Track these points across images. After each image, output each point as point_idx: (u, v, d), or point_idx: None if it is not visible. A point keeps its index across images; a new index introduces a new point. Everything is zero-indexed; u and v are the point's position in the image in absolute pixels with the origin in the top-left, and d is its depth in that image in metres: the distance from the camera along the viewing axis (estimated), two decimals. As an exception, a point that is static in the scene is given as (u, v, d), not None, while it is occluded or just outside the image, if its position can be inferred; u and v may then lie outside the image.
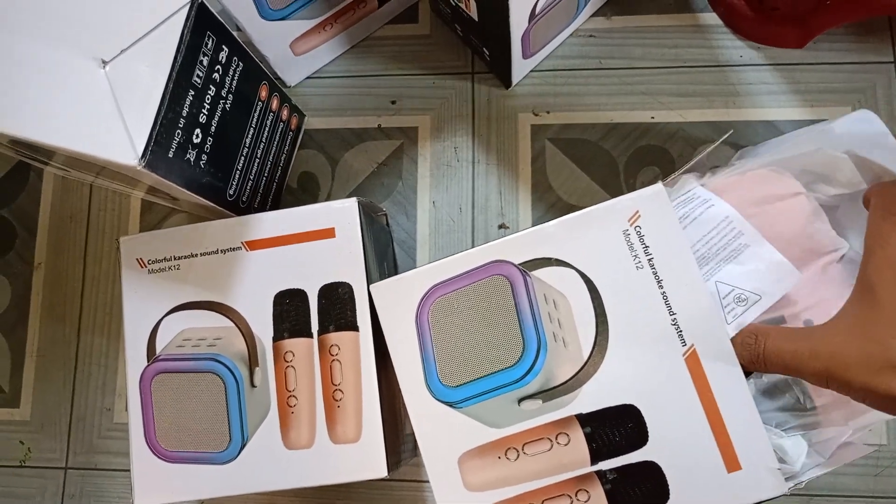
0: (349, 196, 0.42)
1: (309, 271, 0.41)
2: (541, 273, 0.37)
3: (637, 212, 0.36)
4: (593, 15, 0.54)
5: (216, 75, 0.39)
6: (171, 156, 0.36)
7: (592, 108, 0.53)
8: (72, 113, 0.34)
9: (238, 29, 0.47)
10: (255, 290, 0.42)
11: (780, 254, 0.35)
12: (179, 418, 0.41)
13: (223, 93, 0.40)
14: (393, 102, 0.55)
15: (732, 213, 0.36)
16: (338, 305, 0.41)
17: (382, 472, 0.39)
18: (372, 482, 0.42)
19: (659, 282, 0.36)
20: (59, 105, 0.34)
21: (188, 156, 0.38)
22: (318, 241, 0.42)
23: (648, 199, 0.36)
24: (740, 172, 0.38)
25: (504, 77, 0.53)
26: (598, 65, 0.54)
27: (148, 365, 0.41)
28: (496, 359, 0.36)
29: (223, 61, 0.39)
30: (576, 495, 0.35)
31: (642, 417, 0.35)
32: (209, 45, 0.37)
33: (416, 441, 0.49)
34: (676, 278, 0.36)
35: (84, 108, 0.34)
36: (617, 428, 0.35)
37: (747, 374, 0.35)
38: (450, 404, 0.36)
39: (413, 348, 0.37)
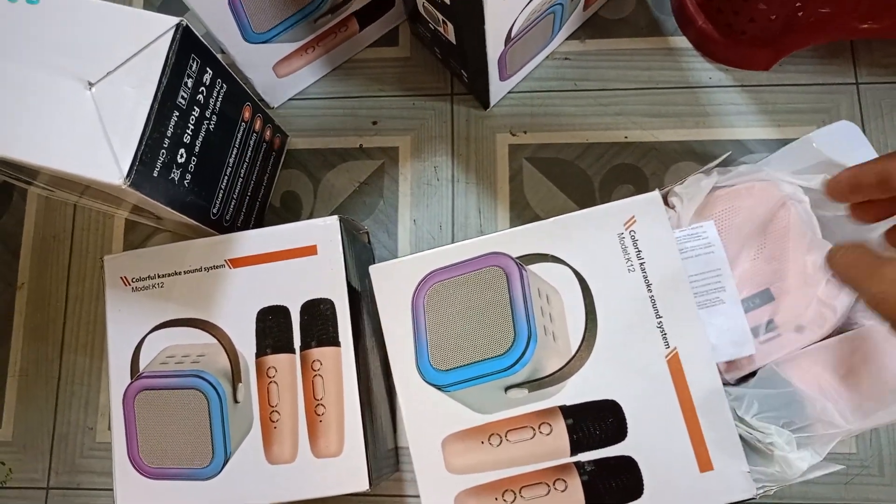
0: (331, 215, 0.43)
1: (291, 288, 0.42)
2: (536, 268, 0.38)
3: (633, 217, 0.38)
4: (568, 38, 0.56)
5: (200, 97, 0.39)
6: (155, 175, 0.37)
7: (568, 129, 0.54)
8: (58, 133, 0.35)
9: (222, 52, 0.48)
10: (238, 307, 0.42)
11: (746, 322, 0.37)
12: (162, 435, 0.41)
13: (207, 113, 0.41)
14: (374, 123, 0.56)
15: (724, 267, 0.37)
16: (320, 321, 0.42)
17: (364, 485, 0.40)
18: (354, 496, 0.43)
19: (648, 285, 0.37)
20: (46, 126, 0.35)
21: (172, 175, 0.38)
22: (300, 259, 0.43)
23: (645, 205, 0.38)
24: (730, 185, 0.39)
25: (482, 98, 0.54)
26: (574, 86, 0.55)
27: (131, 382, 0.42)
28: (487, 347, 0.37)
29: (207, 83, 0.40)
30: (553, 484, 0.36)
31: (623, 413, 0.36)
32: (193, 68, 0.38)
33: (397, 455, 0.50)
34: (665, 283, 0.37)
35: (70, 129, 0.35)
36: (598, 422, 0.36)
37: (737, 382, 0.36)
38: (438, 387, 0.37)
39: (406, 330, 0.38)
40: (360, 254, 0.48)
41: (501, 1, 0.41)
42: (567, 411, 0.37)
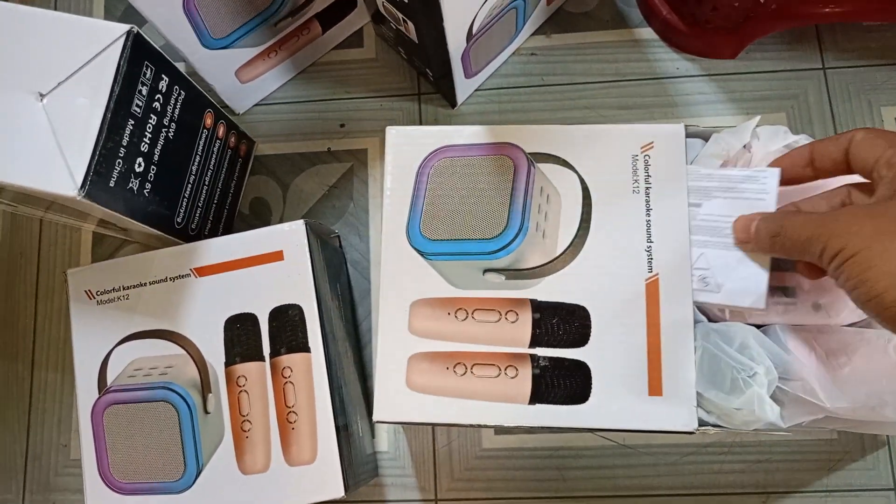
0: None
1: (259, 295, 0.42)
2: (546, 167, 0.39)
3: (652, 143, 0.39)
4: (533, 34, 0.56)
5: (157, 104, 0.39)
6: (112, 185, 0.36)
7: (537, 124, 0.53)
8: (10, 146, 0.35)
9: (183, 60, 0.47)
10: (205, 317, 0.42)
11: (766, 277, 0.36)
12: (133, 449, 0.41)
13: (165, 121, 0.40)
14: (342, 126, 0.55)
15: None
16: (288, 328, 0.41)
17: (340, 492, 0.39)
18: (331, 503, 0.42)
19: (648, 209, 0.38)
20: (-2, 139, 0.35)
21: (130, 185, 0.38)
22: (266, 265, 0.42)
23: (667, 134, 0.39)
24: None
25: (449, 97, 0.54)
26: (541, 82, 0.55)
27: (99, 397, 0.41)
28: (477, 228, 0.38)
29: (163, 90, 0.39)
30: (505, 369, 0.37)
31: (590, 321, 0.37)
32: (147, 75, 0.37)
33: (376, 461, 0.49)
34: (664, 212, 0.38)
35: (23, 142, 0.35)
36: (564, 322, 0.37)
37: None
38: (422, 253, 0.38)
39: (405, 194, 0.39)
40: (331, 258, 0.48)
41: (458, -3, 0.41)
42: (536, 306, 0.37)
